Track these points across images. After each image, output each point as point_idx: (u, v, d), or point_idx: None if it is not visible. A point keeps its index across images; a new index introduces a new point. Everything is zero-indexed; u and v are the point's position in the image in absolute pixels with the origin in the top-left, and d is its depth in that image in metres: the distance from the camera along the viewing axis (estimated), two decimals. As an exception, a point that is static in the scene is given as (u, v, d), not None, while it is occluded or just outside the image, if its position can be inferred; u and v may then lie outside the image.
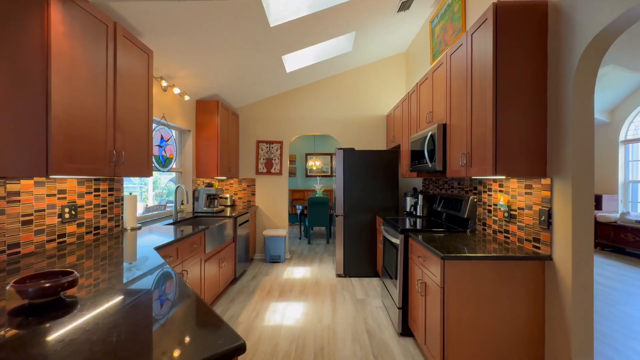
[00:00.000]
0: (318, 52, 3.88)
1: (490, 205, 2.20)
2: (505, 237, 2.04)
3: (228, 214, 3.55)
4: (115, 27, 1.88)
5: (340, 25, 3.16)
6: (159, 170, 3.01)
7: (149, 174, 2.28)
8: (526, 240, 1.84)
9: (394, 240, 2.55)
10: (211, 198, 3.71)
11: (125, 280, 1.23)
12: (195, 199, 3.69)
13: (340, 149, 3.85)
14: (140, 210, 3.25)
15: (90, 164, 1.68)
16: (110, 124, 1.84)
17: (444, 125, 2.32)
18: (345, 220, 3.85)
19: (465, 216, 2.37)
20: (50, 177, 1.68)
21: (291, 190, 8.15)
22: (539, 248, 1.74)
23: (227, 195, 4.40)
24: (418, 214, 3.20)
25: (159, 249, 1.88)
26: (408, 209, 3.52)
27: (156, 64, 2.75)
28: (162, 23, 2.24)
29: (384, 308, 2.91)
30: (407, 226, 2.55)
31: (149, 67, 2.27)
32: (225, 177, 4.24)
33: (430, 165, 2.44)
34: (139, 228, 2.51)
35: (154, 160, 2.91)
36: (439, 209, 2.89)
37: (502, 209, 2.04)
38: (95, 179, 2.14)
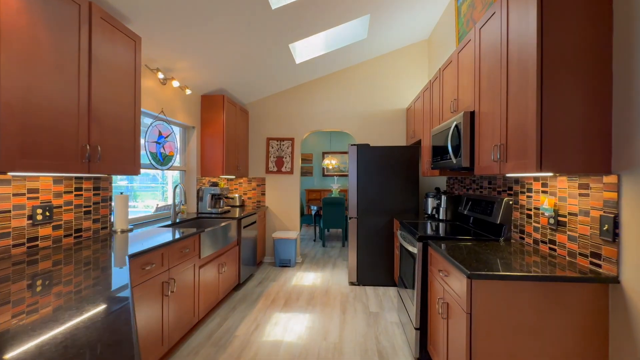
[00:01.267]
0: (329, 41, 3.57)
1: (530, 209, 1.80)
2: (550, 249, 1.63)
3: (237, 215, 3.34)
4: (90, 7, 1.69)
5: (351, 6, 2.83)
6: (156, 169, 2.84)
7: (136, 172, 2.09)
8: (580, 254, 1.44)
9: (410, 248, 2.19)
10: (216, 198, 3.52)
11: (54, 313, 1.00)
12: (199, 199, 3.52)
13: (354, 145, 3.52)
14: (152, 210, 3.13)
15: (55, 159, 1.49)
16: (83, 115, 1.65)
17: (472, 114, 1.93)
18: (359, 223, 3.51)
19: (498, 221, 1.97)
20: (12, 174, 1.51)
21: (307, 190, 7.90)
22: (599, 266, 1.34)
23: (236, 195, 4.21)
24: (441, 218, 2.82)
25: (135, 256, 1.66)
26: (430, 212, 3.14)
27: (151, 54, 2.58)
28: (150, 6, 2.04)
29: (400, 324, 2.55)
30: (427, 232, 2.18)
31: (136, 55, 2.07)
32: (233, 176, 4.05)
33: (454, 162, 2.07)
34: (130, 230, 2.34)
35: (150, 157, 2.74)
36: (465, 212, 2.49)
37: (546, 213, 1.63)
38: (76, 177, 1.98)
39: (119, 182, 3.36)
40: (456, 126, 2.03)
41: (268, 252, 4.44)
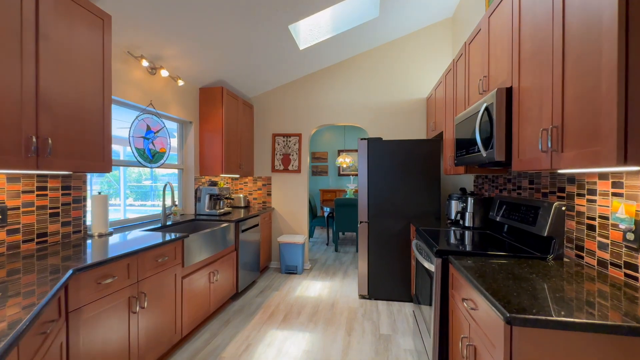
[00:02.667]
0: (337, 22, 3.19)
1: (594, 218, 1.32)
2: (627, 275, 1.16)
3: (241, 216, 3.08)
4: (37, -26, 1.44)
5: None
6: (144, 166, 2.60)
7: (106, 169, 1.83)
8: (682, 289, 0.97)
9: (427, 264, 1.77)
10: (215, 199, 3.26)
11: None
12: (197, 199, 3.27)
13: (364, 139, 3.12)
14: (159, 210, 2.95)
15: (-13, 153, 1.24)
16: (29, 103, 1.39)
17: (508, 90, 1.49)
18: (370, 228, 3.11)
19: (545, 233, 1.50)
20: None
21: (322, 191, 7.54)
22: None
23: (240, 196, 3.94)
24: (466, 225, 2.35)
25: (84, 270, 1.38)
26: (453, 217, 2.66)
27: (134, 39, 2.33)
28: (119, -22, 1.78)
29: (416, 353, 2.13)
30: (449, 243, 1.75)
31: (104, 36, 1.81)
32: (237, 175, 3.79)
33: (484, 155, 1.62)
34: (110, 234, 2.10)
35: (136, 154, 2.51)
36: (497, 219, 2.02)
37: (621, 225, 1.16)
38: (38, 175, 1.75)
39: (144, 181, 3.25)
40: (487, 109, 1.58)
41: (274, 256, 4.14)
